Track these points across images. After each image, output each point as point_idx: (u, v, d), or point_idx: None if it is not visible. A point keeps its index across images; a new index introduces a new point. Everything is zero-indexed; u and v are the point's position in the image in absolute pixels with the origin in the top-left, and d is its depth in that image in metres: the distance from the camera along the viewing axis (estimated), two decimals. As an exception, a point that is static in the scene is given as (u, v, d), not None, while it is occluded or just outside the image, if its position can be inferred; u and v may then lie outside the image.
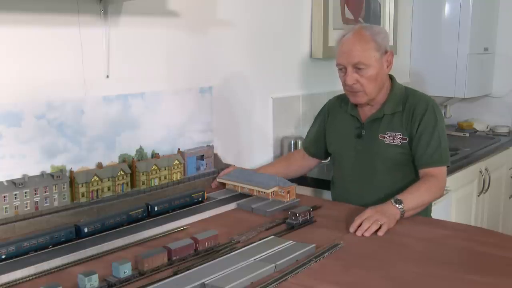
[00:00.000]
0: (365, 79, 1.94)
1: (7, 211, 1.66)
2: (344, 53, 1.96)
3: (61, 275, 1.37)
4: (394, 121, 2.00)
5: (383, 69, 1.97)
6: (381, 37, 1.96)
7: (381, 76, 1.97)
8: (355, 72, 1.94)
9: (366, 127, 2.04)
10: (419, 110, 1.97)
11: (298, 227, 1.70)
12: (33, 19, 1.73)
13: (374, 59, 1.93)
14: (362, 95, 1.97)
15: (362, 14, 3.21)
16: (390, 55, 1.99)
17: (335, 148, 2.16)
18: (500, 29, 3.83)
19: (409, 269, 1.39)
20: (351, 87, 1.96)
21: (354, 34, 1.95)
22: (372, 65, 1.93)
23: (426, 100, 2.01)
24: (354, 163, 2.07)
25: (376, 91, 1.98)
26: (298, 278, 1.33)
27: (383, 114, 2.01)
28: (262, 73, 2.62)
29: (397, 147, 1.98)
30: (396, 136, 1.98)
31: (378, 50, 1.94)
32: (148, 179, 2.01)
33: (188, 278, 1.30)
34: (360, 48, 1.92)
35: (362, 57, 1.92)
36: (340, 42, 1.99)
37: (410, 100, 2.00)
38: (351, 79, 1.94)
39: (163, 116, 2.13)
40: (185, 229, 1.71)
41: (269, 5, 2.61)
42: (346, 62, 1.95)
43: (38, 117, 1.75)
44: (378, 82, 1.97)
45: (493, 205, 3.41)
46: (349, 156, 2.09)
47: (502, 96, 3.89)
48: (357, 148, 2.06)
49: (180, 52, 2.20)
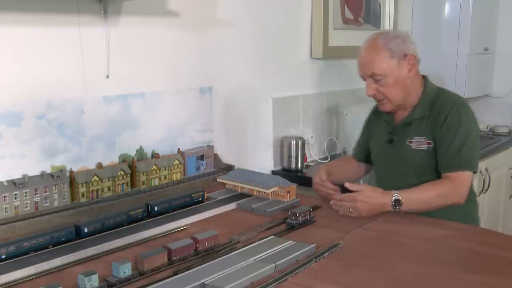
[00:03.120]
0: (384, 88, 1.92)
1: (7, 211, 1.66)
2: (360, 65, 1.97)
3: (61, 275, 1.37)
4: (422, 125, 1.95)
5: (404, 74, 1.92)
6: (397, 43, 1.91)
7: (403, 81, 1.93)
8: (374, 83, 1.93)
9: (397, 132, 2.02)
10: (443, 112, 1.91)
11: (298, 227, 1.70)
12: (33, 19, 1.73)
13: (389, 67, 1.90)
14: (386, 102, 1.96)
15: (362, 14, 3.21)
16: (411, 58, 1.92)
17: (374, 155, 2.15)
18: (500, 29, 3.83)
19: (409, 269, 1.39)
20: (373, 96, 1.97)
21: (368, 45, 1.95)
22: (388, 74, 1.90)
23: (453, 102, 1.93)
24: (387, 169, 2.06)
25: (401, 97, 1.95)
26: (298, 278, 1.32)
27: (412, 119, 1.97)
28: (262, 73, 2.62)
29: (422, 152, 1.94)
30: (422, 140, 1.94)
31: (393, 58, 1.90)
32: (148, 179, 2.01)
33: (188, 278, 1.30)
34: (372, 60, 1.91)
35: (376, 68, 1.90)
36: (359, 54, 1.99)
37: (438, 103, 1.94)
38: (371, 90, 1.95)
39: (163, 116, 2.13)
40: (185, 229, 1.71)
41: (269, 5, 2.61)
42: (363, 73, 1.96)
43: (38, 117, 1.75)
44: (400, 88, 1.93)
45: (493, 205, 3.40)
46: (384, 162, 2.07)
47: (502, 96, 3.89)
48: (389, 154, 2.04)
49: (180, 52, 2.20)
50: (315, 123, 2.95)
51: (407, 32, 1.97)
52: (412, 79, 1.96)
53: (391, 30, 1.97)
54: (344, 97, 3.13)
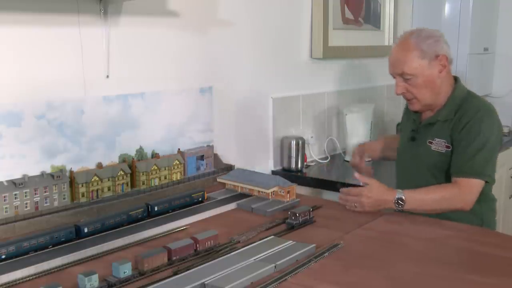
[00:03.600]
0: (413, 87, 1.92)
1: (7, 211, 1.65)
2: (390, 63, 1.97)
3: (61, 275, 1.37)
4: (444, 127, 1.94)
5: (434, 74, 1.91)
6: (429, 43, 1.89)
7: (433, 82, 1.92)
8: (404, 81, 1.93)
9: (420, 131, 2.02)
10: (465, 117, 1.88)
11: (298, 227, 1.70)
12: (33, 19, 1.73)
13: (419, 67, 1.89)
14: (415, 102, 1.96)
15: (362, 14, 3.21)
16: (443, 59, 1.91)
17: (398, 151, 2.16)
18: (500, 29, 3.83)
19: (409, 269, 1.39)
20: (402, 95, 1.97)
21: (400, 43, 1.95)
22: (418, 74, 1.89)
23: (478, 108, 1.90)
24: (406, 167, 2.06)
25: (430, 97, 1.94)
26: (298, 278, 1.32)
27: (436, 120, 1.97)
28: (262, 73, 2.62)
29: (440, 155, 1.93)
30: (441, 143, 1.93)
31: (424, 58, 1.89)
32: (148, 179, 2.01)
33: (188, 278, 1.30)
34: (403, 59, 1.91)
35: (406, 68, 1.90)
36: (390, 52, 1.99)
37: (463, 107, 1.92)
38: (400, 88, 1.95)
39: (163, 116, 2.13)
40: (185, 229, 1.71)
41: (269, 5, 2.61)
42: (393, 72, 1.96)
43: (38, 117, 1.75)
44: (430, 89, 1.92)
45: (493, 205, 3.40)
46: (405, 159, 2.07)
47: (502, 96, 3.89)
48: (410, 152, 2.05)
49: (180, 52, 2.20)
50: (315, 123, 2.95)
51: (440, 32, 1.95)
52: (442, 80, 1.94)
53: (425, 29, 1.94)
54: (344, 97, 3.13)
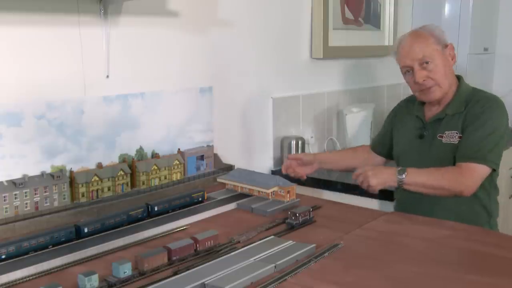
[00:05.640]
0: (434, 73, 1.94)
1: (7, 211, 1.66)
2: (406, 54, 1.97)
3: (61, 275, 1.37)
4: (454, 120, 1.96)
5: (449, 62, 1.97)
6: (438, 32, 1.97)
7: (449, 68, 1.97)
8: (423, 69, 1.94)
9: (428, 127, 2.03)
10: (477, 107, 1.93)
11: (298, 227, 1.70)
12: (33, 19, 1.73)
13: (437, 52, 1.94)
14: (436, 89, 1.96)
15: (362, 14, 3.21)
16: (451, 49, 1.98)
17: (400, 149, 2.14)
18: (500, 29, 3.84)
19: (409, 269, 1.39)
20: (423, 84, 1.96)
21: (411, 35, 1.99)
22: (436, 58, 1.93)
23: (488, 98, 1.96)
24: (415, 164, 2.01)
25: (448, 84, 1.97)
26: (298, 278, 1.32)
27: (445, 115, 1.98)
28: (262, 73, 2.62)
29: (453, 146, 1.93)
30: (453, 134, 1.94)
31: (439, 44, 1.95)
32: (148, 179, 2.01)
33: (188, 278, 1.30)
34: (421, 44, 1.94)
35: (425, 51, 1.93)
36: (400, 47, 2.00)
37: (474, 99, 1.96)
38: (421, 76, 1.94)
39: (163, 116, 2.13)
40: (185, 229, 1.71)
41: (269, 5, 2.61)
42: (411, 61, 1.95)
43: (38, 117, 1.75)
44: (447, 75, 1.96)
45: (493, 205, 3.40)
46: (412, 157, 2.06)
47: (502, 96, 3.84)
48: (419, 149, 2.04)
49: (180, 52, 2.20)
50: (315, 123, 2.95)
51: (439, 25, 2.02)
52: (452, 71, 2.00)
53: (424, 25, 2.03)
54: (344, 97, 3.14)
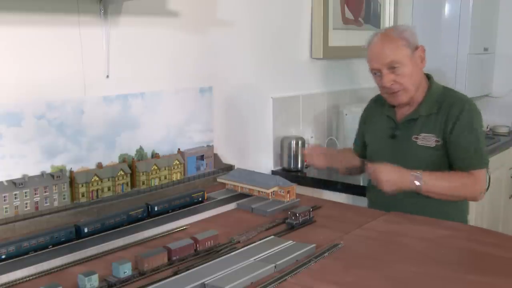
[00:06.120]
0: (401, 77, 1.93)
1: (7, 211, 1.66)
2: (375, 57, 1.96)
3: (61, 275, 1.37)
4: (429, 122, 1.97)
5: (418, 65, 1.96)
6: (408, 34, 1.95)
7: (417, 72, 1.96)
8: (391, 73, 1.93)
9: (400, 127, 2.03)
10: (454, 111, 1.92)
11: (298, 227, 1.70)
12: (33, 19, 1.73)
13: (406, 56, 1.92)
14: (402, 93, 1.96)
15: (362, 14, 3.21)
16: (421, 51, 1.97)
17: (371, 149, 2.15)
18: (500, 29, 3.84)
19: (409, 269, 1.39)
20: (390, 88, 1.96)
21: (381, 36, 1.97)
22: (405, 62, 1.92)
23: (463, 101, 1.96)
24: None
25: (415, 88, 1.97)
26: (298, 278, 1.32)
27: (418, 115, 1.98)
28: (262, 73, 2.62)
29: (429, 149, 1.95)
30: (430, 138, 1.95)
31: (408, 47, 1.93)
32: (148, 179, 2.01)
33: (188, 278, 1.30)
34: (390, 48, 1.92)
35: (394, 56, 1.92)
36: (369, 48, 1.99)
37: (447, 101, 1.96)
38: (388, 80, 1.94)
39: (163, 116, 2.13)
40: (185, 229, 1.71)
41: (269, 5, 2.61)
42: (379, 64, 1.95)
43: (38, 117, 1.75)
44: (414, 79, 1.96)
45: (493, 205, 3.40)
46: (384, 157, 2.05)
47: (502, 96, 3.89)
48: (391, 149, 2.04)
49: (180, 52, 2.20)
50: (315, 123, 2.95)
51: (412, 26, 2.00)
52: (421, 73, 2.00)
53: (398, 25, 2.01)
54: (344, 97, 3.13)
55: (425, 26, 3.67)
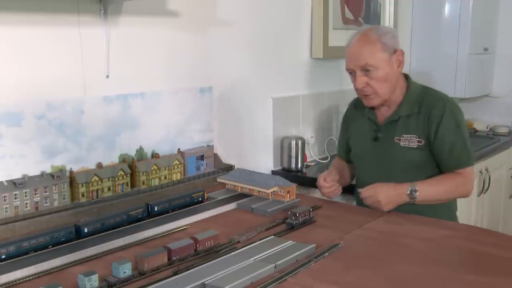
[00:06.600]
0: (374, 81, 1.92)
1: (7, 211, 1.66)
2: (351, 57, 1.95)
3: (61, 275, 1.37)
4: (410, 123, 1.96)
5: (394, 69, 1.94)
6: (388, 37, 1.92)
7: (392, 76, 1.94)
8: (364, 75, 1.92)
9: (382, 129, 2.02)
10: (436, 111, 1.92)
11: (298, 227, 1.70)
12: (33, 19, 1.73)
13: (382, 60, 1.90)
14: (374, 97, 1.96)
15: (362, 14, 3.21)
16: (400, 54, 1.95)
17: (355, 152, 2.14)
18: (500, 29, 3.84)
19: (409, 269, 1.39)
20: (362, 90, 1.95)
21: (360, 37, 1.94)
22: (380, 67, 1.90)
23: (443, 100, 1.96)
24: (372, 167, 2.05)
25: (388, 92, 1.95)
26: (298, 278, 1.33)
27: (398, 116, 1.98)
28: (262, 73, 2.62)
29: (412, 150, 1.95)
30: (412, 138, 1.95)
31: (386, 51, 1.91)
32: (148, 179, 2.01)
33: (188, 278, 1.30)
34: (366, 51, 1.90)
35: (369, 59, 1.90)
36: (347, 47, 1.98)
37: (427, 101, 1.96)
38: (360, 82, 1.93)
39: (163, 116, 2.13)
40: (185, 229, 1.71)
41: (269, 5, 2.61)
42: (354, 65, 1.94)
43: (38, 117, 1.75)
44: (389, 83, 1.94)
45: (493, 205, 3.41)
46: (368, 160, 2.06)
47: (502, 96, 3.89)
48: (374, 152, 2.03)
49: (180, 52, 2.20)
50: (315, 123, 2.95)
51: (394, 28, 1.99)
52: (398, 76, 1.98)
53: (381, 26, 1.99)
54: (344, 97, 3.13)
55: (425, 26, 3.67)
